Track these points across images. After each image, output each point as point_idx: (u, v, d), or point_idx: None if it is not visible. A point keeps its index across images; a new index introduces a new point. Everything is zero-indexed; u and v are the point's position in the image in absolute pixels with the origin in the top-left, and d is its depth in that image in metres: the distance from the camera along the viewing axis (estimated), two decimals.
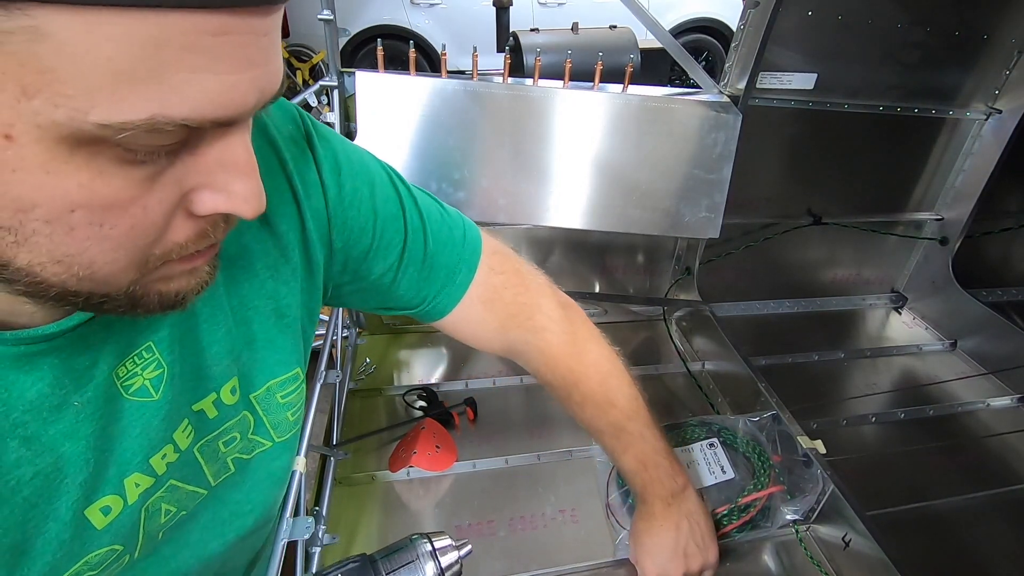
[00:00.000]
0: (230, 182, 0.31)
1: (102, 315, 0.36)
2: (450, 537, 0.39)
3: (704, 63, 5.12)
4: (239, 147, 0.31)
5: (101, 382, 0.38)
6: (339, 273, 0.56)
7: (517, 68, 2.54)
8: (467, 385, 1.20)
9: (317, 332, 0.57)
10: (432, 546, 0.38)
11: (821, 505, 0.88)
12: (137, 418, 0.41)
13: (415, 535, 0.39)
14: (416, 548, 0.38)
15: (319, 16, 0.97)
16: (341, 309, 1.19)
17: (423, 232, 0.60)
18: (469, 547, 0.42)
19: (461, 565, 0.40)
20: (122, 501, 0.42)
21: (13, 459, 0.35)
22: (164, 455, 0.44)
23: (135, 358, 0.40)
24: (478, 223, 1.25)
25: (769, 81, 1.20)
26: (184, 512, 0.48)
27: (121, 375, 0.40)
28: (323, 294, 0.56)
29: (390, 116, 1.07)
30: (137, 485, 0.43)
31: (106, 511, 0.41)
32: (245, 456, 0.52)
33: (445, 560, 0.38)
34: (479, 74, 1.07)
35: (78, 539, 0.40)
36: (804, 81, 1.22)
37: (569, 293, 1.38)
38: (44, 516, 0.37)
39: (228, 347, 0.47)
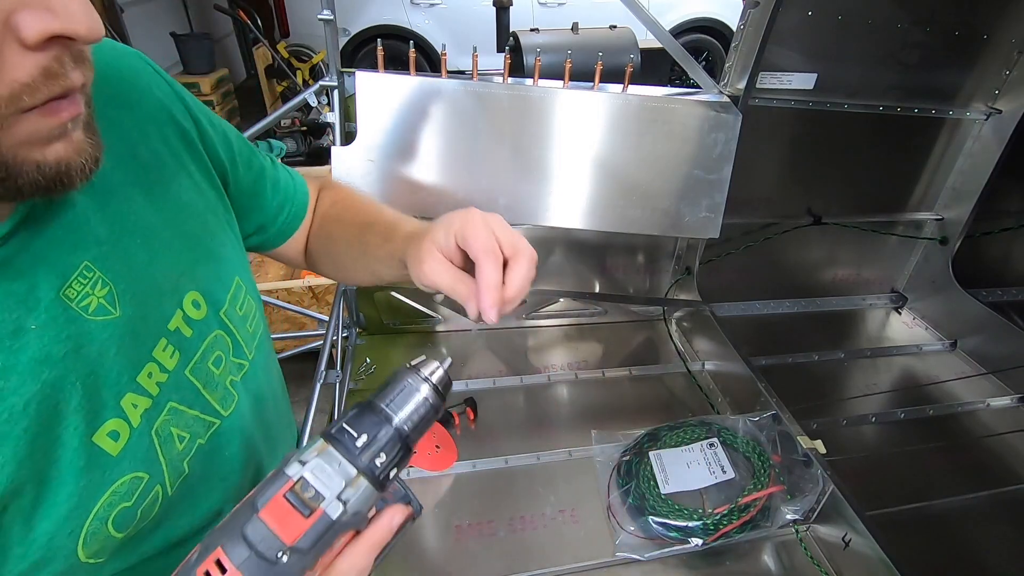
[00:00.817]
0: (56, 2, 0.29)
1: None
2: (428, 357, 0.41)
3: (704, 63, 5.12)
4: None
5: (50, 304, 0.39)
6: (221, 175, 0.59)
7: (517, 68, 2.53)
8: (467, 385, 1.20)
9: (317, 332, 0.58)
10: (420, 371, 0.40)
11: (821, 505, 0.88)
12: (108, 336, 0.42)
13: (398, 368, 0.40)
14: (405, 377, 0.39)
15: (319, 16, 0.97)
16: (341, 309, 1.19)
17: (260, 157, 0.66)
18: (450, 359, 0.43)
19: (448, 376, 0.42)
20: (127, 425, 0.43)
21: None
22: (150, 374, 0.45)
23: (79, 279, 0.41)
24: None
25: (769, 81, 1.20)
26: (202, 441, 0.50)
27: (72, 297, 0.40)
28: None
29: (390, 116, 1.07)
30: (135, 406, 0.44)
31: (114, 436, 0.42)
32: (236, 378, 0.54)
33: (435, 377, 0.40)
34: (479, 74, 1.07)
35: (96, 466, 0.41)
36: (804, 81, 1.22)
37: (569, 293, 1.38)
38: (52, 444, 0.38)
39: (173, 259, 0.48)
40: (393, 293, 1.26)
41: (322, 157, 3.76)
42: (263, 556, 0.32)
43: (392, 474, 0.38)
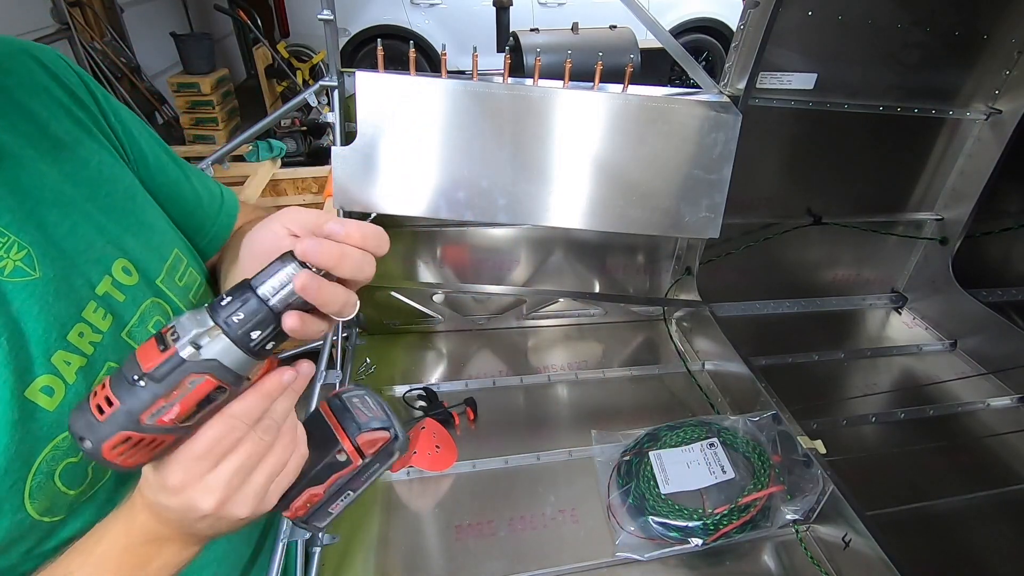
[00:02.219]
0: None
1: None
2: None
3: (704, 63, 5.12)
4: None
5: None
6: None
7: (517, 68, 2.54)
8: (467, 385, 1.20)
9: None
10: (293, 254, 0.42)
11: (821, 505, 0.88)
12: (28, 297, 0.44)
13: (285, 252, 0.42)
14: (287, 261, 0.42)
15: (319, 16, 0.97)
16: None
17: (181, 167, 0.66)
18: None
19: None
20: (61, 382, 0.45)
21: None
22: (82, 333, 0.47)
23: None
24: (478, 223, 1.25)
25: (769, 81, 1.20)
26: None
27: None
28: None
29: (390, 116, 1.07)
30: (68, 363, 0.46)
31: (48, 391, 0.44)
32: None
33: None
34: (479, 74, 1.07)
35: (31, 419, 0.43)
36: (804, 81, 1.22)
37: (569, 293, 1.38)
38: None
39: (95, 228, 0.51)
40: (393, 293, 1.26)
41: (322, 157, 3.76)
42: (126, 378, 0.39)
43: (267, 345, 0.41)
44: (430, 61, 4.83)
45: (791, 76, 1.21)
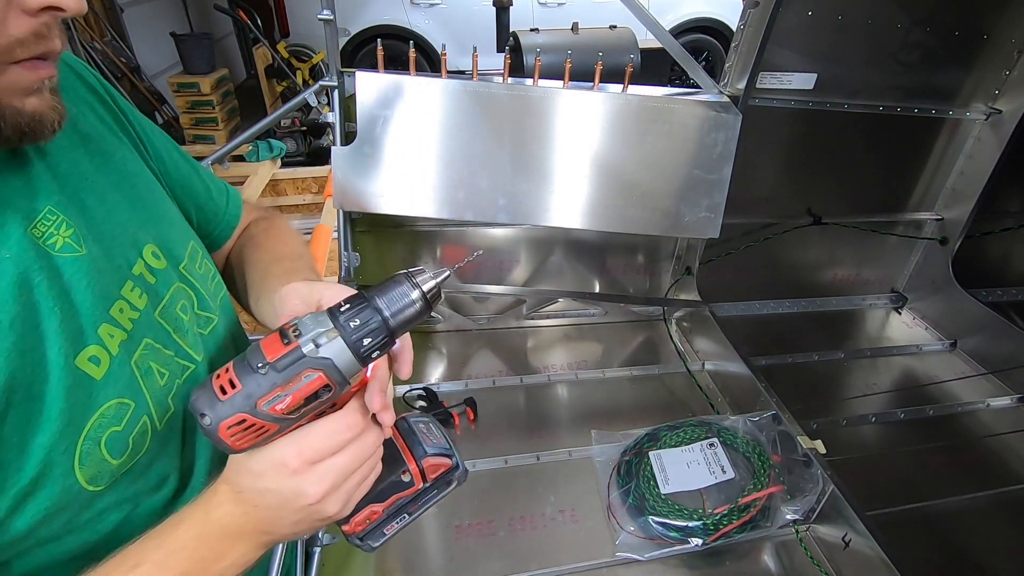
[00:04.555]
0: None
1: None
2: (428, 270, 0.47)
3: (704, 63, 5.12)
4: None
5: (20, 239, 0.44)
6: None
7: (517, 68, 2.54)
8: (467, 385, 1.20)
9: None
10: (415, 279, 0.46)
11: (821, 505, 0.88)
12: (77, 271, 0.47)
13: (397, 273, 0.47)
14: (402, 283, 0.46)
15: (319, 16, 0.97)
16: None
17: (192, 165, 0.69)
18: (447, 272, 0.48)
19: (440, 288, 0.48)
20: (106, 352, 0.47)
21: None
22: (121, 309, 0.50)
23: (44, 220, 0.46)
24: (478, 223, 1.25)
25: (769, 81, 1.20)
26: (180, 382, 0.54)
27: (39, 235, 0.46)
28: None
29: (390, 116, 1.07)
30: (111, 336, 0.48)
31: (95, 360, 0.47)
32: (204, 332, 0.59)
33: (426, 287, 0.46)
34: (479, 74, 1.07)
35: (81, 387, 0.45)
36: (804, 81, 1.22)
37: (569, 293, 1.38)
38: (40, 362, 0.43)
39: (126, 216, 0.54)
40: None
41: (322, 157, 3.76)
42: (250, 365, 0.42)
43: (373, 354, 0.45)
44: (430, 61, 4.83)
45: (791, 76, 1.21)
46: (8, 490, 0.41)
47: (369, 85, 1.04)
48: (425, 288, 0.47)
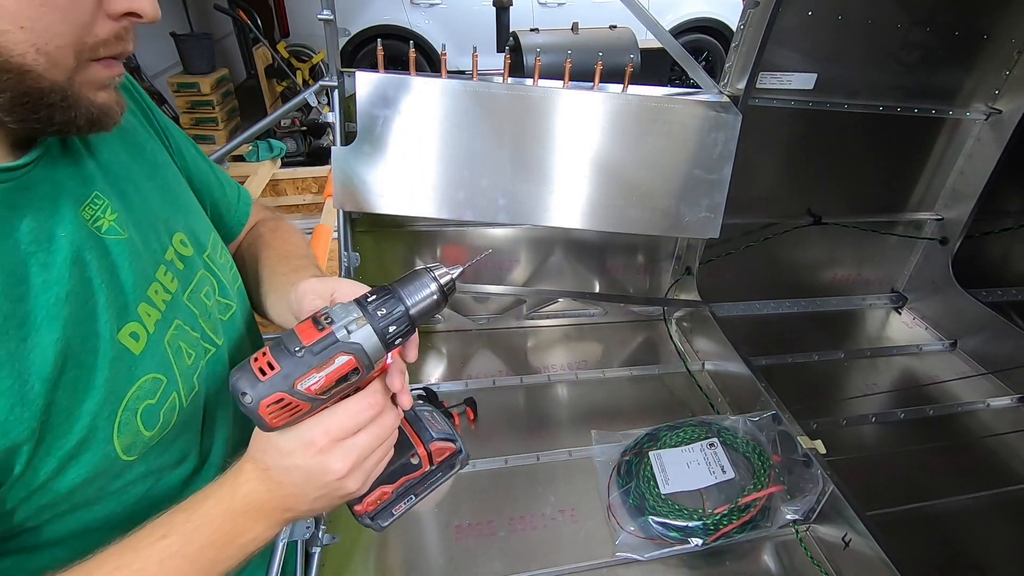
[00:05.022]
0: None
1: (46, 135, 0.47)
2: (444, 265, 0.53)
3: (704, 63, 5.12)
4: None
5: (72, 219, 0.48)
6: None
7: (517, 68, 2.54)
8: (467, 385, 1.20)
9: None
10: (433, 273, 0.52)
11: (821, 505, 0.88)
12: (121, 252, 0.51)
13: (418, 268, 0.52)
14: (422, 276, 0.51)
15: (319, 16, 0.97)
16: None
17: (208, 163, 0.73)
18: (461, 269, 0.54)
19: (455, 282, 0.53)
20: (144, 330, 0.51)
21: (40, 282, 0.44)
22: (156, 291, 0.54)
23: (91, 204, 0.50)
24: (478, 223, 1.25)
25: (769, 81, 1.20)
26: (203, 363, 0.58)
27: (88, 217, 0.49)
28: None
29: (390, 116, 1.07)
30: (148, 315, 0.52)
31: (135, 336, 0.51)
32: (224, 318, 0.62)
33: (443, 280, 0.51)
34: (479, 74, 1.07)
35: (122, 360, 0.49)
36: (804, 81, 1.22)
37: (569, 293, 1.38)
38: (91, 334, 0.47)
39: (158, 204, 0.58)
40: None
41: (322, 157, 3.76)
42: (287, 348, 0.46)
43: (397, 340, 0.50)
44: (430, 61, 4.83)
45: (791, 76, 1.21)
46: (56, 452, 0.45)
47: (369, 85, 1.04)
48: (443, 282, 0.52)
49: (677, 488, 0.92)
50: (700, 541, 0.85)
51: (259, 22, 4.55)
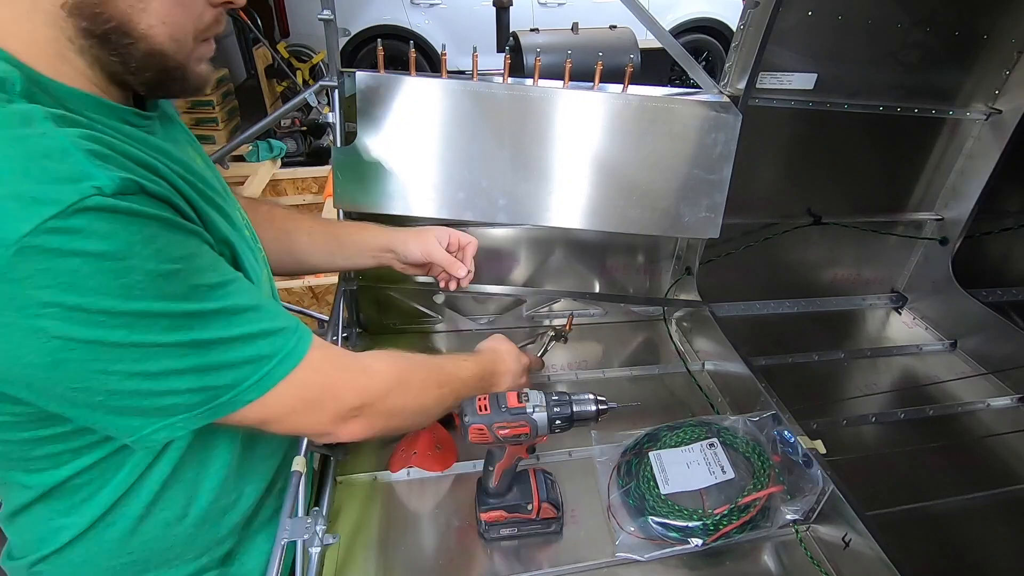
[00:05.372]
0: None
1: (162, 95, 0.60)
2: (605, 397, 0.82)
3: (704, 63, 5.12)
4: None
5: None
6: None
7: (517, 68, 2.53)
8: None
9: (317, 332, 0.64)
10: (597, 398, 0.81)
11: (821, 505, 0.88)
12: (224, 186, 0.70)
13: (592, 393, 0.82)
14: (590, 399, 0.81)
15: (319, 16, 0.97)
16: (341, 309, 1.19)
17: None
18: (616, 406, 0.82)
19: (605, 407, 0.82)
20: (247, 230, 0.70)
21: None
22: (241, 215, 0.70)
23: (198, 155, 0.67)
24: (478, 223, 1.25)
25: (769, 81, 1.20)
26: (265, 271, 0.72)
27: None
28: None
29: (390, 116, 1.07)
30: (246, 225, 0.70)
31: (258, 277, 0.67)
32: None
33: (601, 406, 0.81)
34: (479, 74, 1.07)
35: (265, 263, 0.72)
36: (804, 81, 1.22)
37: (569, 293, 1.38)
38: (257, 247, 0.67)
39: (220, 181, 0.70)
40: (393, 293, 1.26)
41: (322, 157, 3.76)
42: (499, 403, 0.76)
43: (556, 429, 0.78)
44: (430, 61, 4.83)
45: (791, 76, 1.21)
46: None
47: (369, 85, 1.04)
48: (600, 407, 0.80)
49: (677, 488, 0.92)
50: (700, 541, 0.85)
51: (259, 22, 4.55)
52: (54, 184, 0.42)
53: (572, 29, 2.75)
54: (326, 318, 1.09)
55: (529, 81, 1.10)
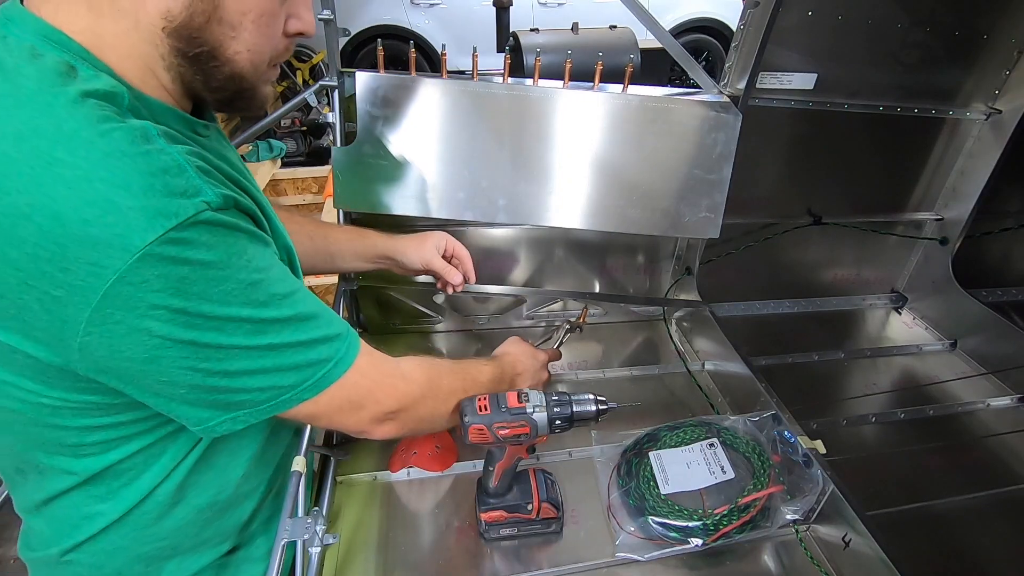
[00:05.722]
0: (304, 14, 0.60)
1: (229, 111, 0.65)
2: (604, 397, 0.82)
3: (704, 63, 5.12)
4: None
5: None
6: None
7: (517, 68, 2.53)
8: None
9: None
10: (595, 396, 0.81)
11: (821, 505, 0.88)
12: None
13: (592, 393, 0.82)
14: (590, 399, 0.81)
15: (319, 16, 0.97)
16: (341, 309, 1.19)
17: None
18: (616, 406, 0.83)
19: (605, 408, 0.82)
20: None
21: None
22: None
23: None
24: (478, 223, 1.25)
25: (769, 81, 1.20)
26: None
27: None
28: None
29: (390, 116, 1.07)
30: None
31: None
32: None
33: (601, 405, 0.81)
34: (479, 74, 1.07)
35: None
36: (804, 81, 1.22)
37: (569, 293, 1.38)
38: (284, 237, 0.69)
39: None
40: (393, 293, 1.26)
41: (322, 157, 3.76)
42: (499, 403, 0.76)
43: (557, 429, 0.78)
44: (430, 61, 4.82)
45: (791, 76, 1.21)
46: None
47: (369, 85, 1.04)
48: (600, 407, 0.81)
49: (677, 488, 0.92)
50: (700, 541, 0.85)
51: None
52: (174, 198, 0.47)
53: (572, 29, 2.75)
54: None
55: (529, 81, 1.10)
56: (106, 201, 0.45)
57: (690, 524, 0.86)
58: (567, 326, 1.16)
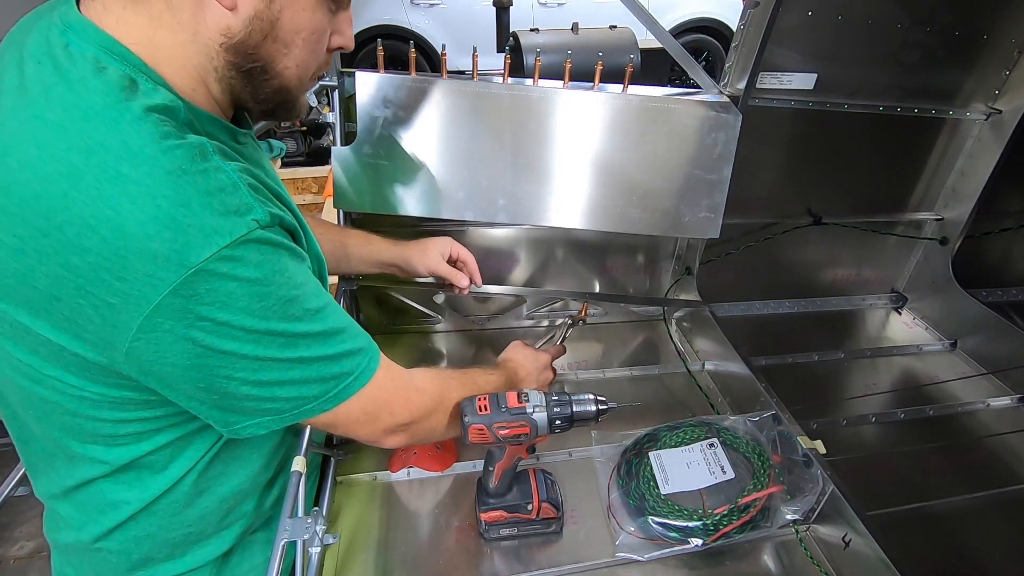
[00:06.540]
0: (346, 30, 0.63)
1: (270, 119, 0.70)
2: (605, 397, 0.82)
3: (704, 63, 5.12)
4: (350, 13, 0.63)
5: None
6: None
7: (517, 68, 2.53)
8: None
9: None
10: (596, 397, 0.81)
11: (821, 505, 0.88)
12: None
13: (592, 393, 0.82)
14: (590, 399, 0.81)
15: None
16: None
17: None
18: (616, 406, 0.82)
19: (605, 408, 0.81)
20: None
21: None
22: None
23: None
24: (478, 223, 1.25)
25: (769, 81, 1.20)
26: None
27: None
28: None
29: (390, 116, 1.07)
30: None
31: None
32: None
33: (601, 405, 0.81)
34: (479, 74, 1.07)
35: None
36: (804, 81, 1.22)
37: (569, 293, 1.38)
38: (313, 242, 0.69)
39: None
40: (393, 293, 1.26)
41: (322, 157, 3.75)
42: (499, 403, 0.76)
43: (557, 429, 0.78)
44: (430, 61, 4.82)
45: (791, 76, 1.21)
46: None
47: (369, 85, 1.04)
48: (600, 407, 0.80)
49: (677, 488, 0.92)
50: (700, 541, 0.85)
51: None
52: (228, 217, 0.50)
53: (572, 29, 2.75)
54: None
55: (529, 81, 1.10)
56: (168, 218, 0.47)
57: (690, 524, 0.86)
58: (568, 321, 1.17)
